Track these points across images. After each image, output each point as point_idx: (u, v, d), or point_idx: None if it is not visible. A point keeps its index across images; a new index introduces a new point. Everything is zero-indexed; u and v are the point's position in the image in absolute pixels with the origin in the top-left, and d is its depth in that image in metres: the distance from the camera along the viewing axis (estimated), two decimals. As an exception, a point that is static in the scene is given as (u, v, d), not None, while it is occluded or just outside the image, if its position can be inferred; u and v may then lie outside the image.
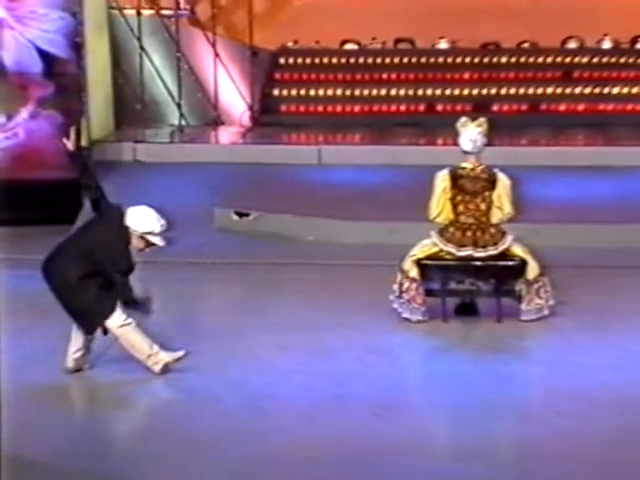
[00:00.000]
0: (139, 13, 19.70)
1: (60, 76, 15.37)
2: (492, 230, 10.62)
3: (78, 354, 9.37)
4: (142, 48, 19.52)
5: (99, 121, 17.94)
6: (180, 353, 9.34)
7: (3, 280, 11.33)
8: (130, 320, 9.21)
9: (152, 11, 20.29)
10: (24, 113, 15.32)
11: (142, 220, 9.36)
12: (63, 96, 15.44)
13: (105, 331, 9.25)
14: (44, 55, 15.31)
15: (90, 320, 9.21)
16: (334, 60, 22.86)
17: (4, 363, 8.55)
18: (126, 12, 19.66)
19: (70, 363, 9.39)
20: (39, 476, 7.59)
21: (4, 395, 7.18)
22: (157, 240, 9.39)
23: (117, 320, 9.17)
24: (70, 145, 9.75)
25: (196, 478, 7.42)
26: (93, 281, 9.14)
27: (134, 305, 9.26)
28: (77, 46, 15.72)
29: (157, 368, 9.22)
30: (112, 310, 9.13)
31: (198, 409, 8.60)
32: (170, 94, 19.79)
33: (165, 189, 15.91)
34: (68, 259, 9.19)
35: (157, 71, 19.75)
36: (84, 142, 16.02)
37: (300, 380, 9.20)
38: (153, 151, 17.76)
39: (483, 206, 10.63)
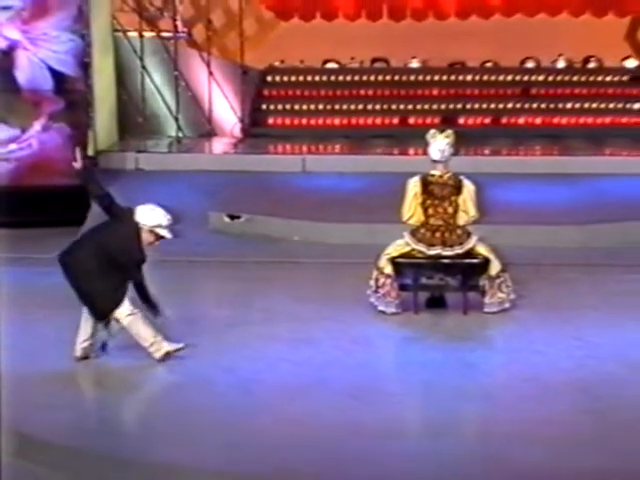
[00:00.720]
0: (141, 35, 19.67)
1: (69, 92, 15.35)
2: (458, 231, 10.63)
3: (85, 344, 9.34)
4: (144, 67, 19.49)
5: (104, 133, 17.90)
6: (181, 345, 9.33)
7: (19, 277, 11.33)
8: (137, 310, 9.20)
9: (153, 33, 20.26)
10: (37, 126, 15.29)
11: (150, 215, 9.37)
12: (72, 111, 15.43)
13: (108, 322, 9.23)
14: (55, 73, 15.29)
15: (102, 308, 9.19)
16: (317, 78, 22.85)
17: (15, 352, 8.54)
18: (129, 34, 19.63)
19: (78, 352, 9.36)
20: (49, 455, 7.57)
21: (6, 381, 7.15)
22: (165, 233, 9.38)
23: (125, 310, 9.16)
24: (78, 164, 9.73)
25: (195, 451, 7.39)
26: (108, 272, 9.13)
27: (147, 299, 9.28)
28: (85, 65, 15.70)
29: (158, 355, 9.21)
30: (122, 300, 9.13)
31: (195, 392, 8.59)
32: (169, 108, 19.75)
33: (164, 194, 15.83)
34: (85, 251, 9.20)
35: (157, 88, 19.71)
36: (91, 152, 16.03)
37: (286, 366, 9.19)
38: (153, 160, 17.72)
39: (450, 209, 10.63)
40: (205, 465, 7.24)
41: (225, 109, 20.88)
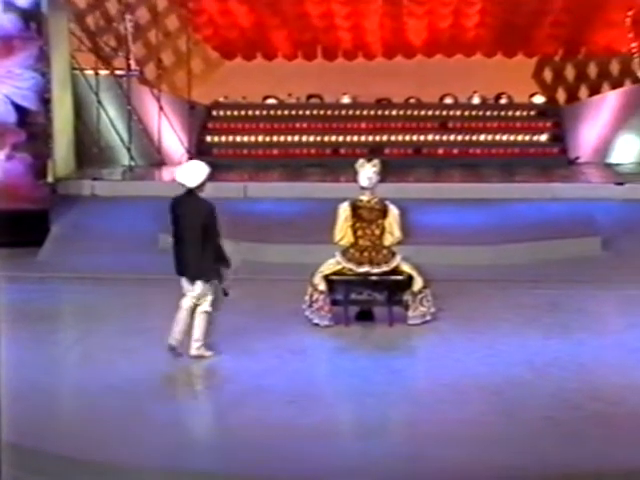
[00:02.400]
0: (97, 73, 19.58)
1: (31, 125, 15.23)
2: (384, 251, 10.67)
3: (179, 336, 9.39)
4: (99, 102, 19.38)
5: (63, 162, 17.77)
6: (211, 353, 9.49)
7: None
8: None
9: (108, 71, 20.17)
10: (1, 156, 15.14)
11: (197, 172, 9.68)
12: (33, 142, 15.30)
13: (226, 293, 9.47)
14: (18, 108, 15.17)
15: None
16: (257, 112, 22.88)
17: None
18: (86, 72, 19.53)
19: (173, 341, 9.37)
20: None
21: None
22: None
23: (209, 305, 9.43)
24: None
25: (143, 452, 7.32)
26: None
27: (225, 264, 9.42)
28: (45, 100, 15.58)
29: (196, 353, 9.36)
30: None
31: (139, 399, 8.50)
32: (122, 140, 19.66)
33: (118, 218, 15.80)
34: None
35: (111, 121, 19.61)
36: (50, 179, 15.90)
37: (228, 374, 9.16)
38: (108, 187, 17.61)
39: (377, 231, 10.67)
40: (152, 464, 7.18)
41: (174, 140, 20.83)
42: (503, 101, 23.69)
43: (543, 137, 21.97)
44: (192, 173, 9.74)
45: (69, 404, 8.66)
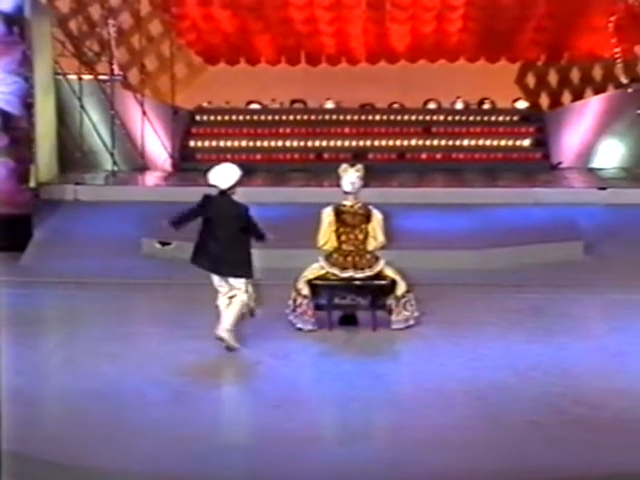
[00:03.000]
0: (80, 78, 19.55)
1: (14, 130, 15.13)
2: (368, 256, 10.66)
3: (227, 328, 9.72)
4: (82, 107, 19.35)
5: (45, 167, 17.73)
6: (238, 345, 9.80)
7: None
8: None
9: (91, 76, 20.13)
10: (-17, 160, 15.09)
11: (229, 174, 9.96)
12: (16, 146, 15.21)
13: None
14: (1, 112, 15.09)
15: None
16: (241, 117, 22.87)
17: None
18: (69, 77, 19.50)
19: (223, 332, 9.71)
20: None
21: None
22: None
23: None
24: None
25: (126, 457, 7.29)
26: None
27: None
28: (28, 105, 15.50)
29: (230, 343, 9.69)
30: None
31: (125, 402, 8.47)
32: (105, 145, 19.63)
33: (101, 223, 15.77)
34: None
35: (94, 126, 19.58)
36: (33, 184, 15.85)
37: (213, 379, 9.13)
38: (91, 192, 17.58)
39: (361, 236, 10.66)
40: (137, 469, 7.15)
41: (157, 145, 20.80)
42: (486, 106, 23.75)
43: (526, 142, 22.02)
44: (225, 175, 10.02)
45: (52, 409, 8.61)
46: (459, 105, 23.76)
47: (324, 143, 21.81)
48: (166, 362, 9.56)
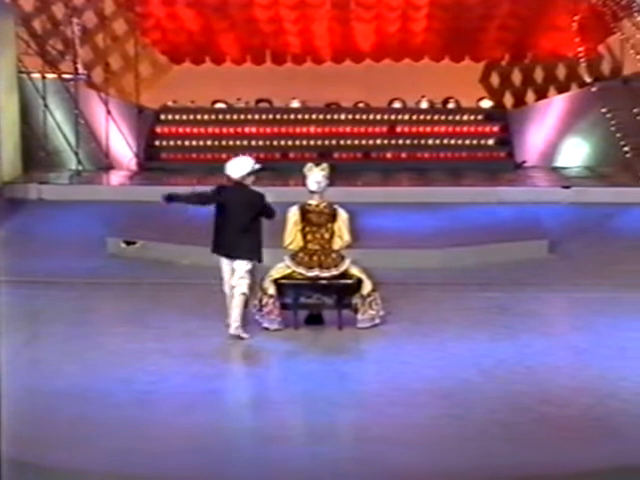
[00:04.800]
0: (44, 77, 19.45)
1: (-23, 129, 15.06)
2: (334, 255, 10.66)
3: (235, 325, 10.14)
4: (46, 106, 19.25)
5: (9, 166, 17.63)
6: (247, 335, 10.16)
7: None
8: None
9: (55, 75, 20.03)
10: (-54, 159, 14.98)
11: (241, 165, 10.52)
12: (-21, 145, 15.13)
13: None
14: (-37, 111, 14.99)
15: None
16: (206, 117, 22.86)
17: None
18: (33, 76, 19.40)
19: (233, 330, 10.13)
20: None
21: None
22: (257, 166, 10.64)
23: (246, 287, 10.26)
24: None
25: (91, 457, 7.24)
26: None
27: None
28: (-9, 104, 15.42)
29: (235, 332, 10.12)
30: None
31: (90, 402, 8.41)
32: (69, 144, 19.53)
33: (65, 222, 15.69)
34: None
35: (58, 125, 19.48)
36: (-4, 183, 15.77)
37: (179, 379, 9.08)
38: (55, 191, 17.50)
39: (327, 235, 10.66)
40: (101, 469, 7.10)
41: (122, 145, 20.73)
42: (451, 105, 23.86)
43: (490, 141, 22.14)
44: (238, 166, 10.64)
45: (16, 408, 8.53)
46: (424, 104, 23.85)
47: (290, 142, 21.84)
48: (131, 362, 9.51)
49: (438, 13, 24.21)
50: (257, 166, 10.69)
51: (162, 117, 22.72)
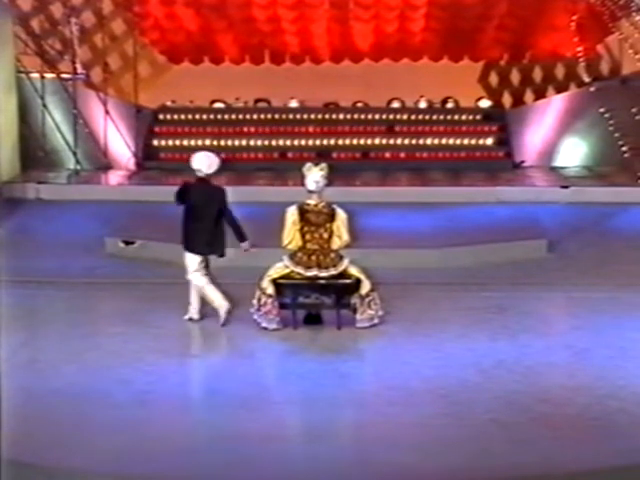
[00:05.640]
0: (42, 76, 19.44)
1: (-25, 128, 15.06)
2: (332, 254, 10.65)
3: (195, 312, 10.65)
4: (44, 105, 19.24)
5: (7, 165, 17.62)
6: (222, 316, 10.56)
7: None
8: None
9: (53, 75, 20.02)
10: (-56, 159, 14.97)
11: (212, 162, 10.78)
12: (-22, 145, 15.14)
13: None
14: (-38, 111, 14.99)
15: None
16: (204, 116, 22.85)
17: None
18: (31, 75, 19.39)
19: (195, 315, 10.66)
20: None
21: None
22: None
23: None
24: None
25: (91, 457, 7.23)
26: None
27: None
28: (-11, 104, 15.42)
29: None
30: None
31: (89, 402, 8.41)
32: (68, 144, 19.52)
33: (64, 222, 15.68)
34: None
35: (57, 125, 19.47)
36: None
37: (178, 379, 9.09)
38: (53, 191, 17.49)
39: (325, 235, 10.65)
40: (100, 469, 7.10)
41: (120, 144, 20.72)
42: (449, 105, 23.86)
43: (489, 141, 22.13)
44: (210, 162, 10.89)
45: (15, 408, 8.52)
46: (422, 104, 23.85)
47: (288, 142, 21.82)
48: (130, 361, 9.50)
49: (437, 13, 24.21)
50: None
51: (161, 117, 22.71)
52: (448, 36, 24.50)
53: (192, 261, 10.79)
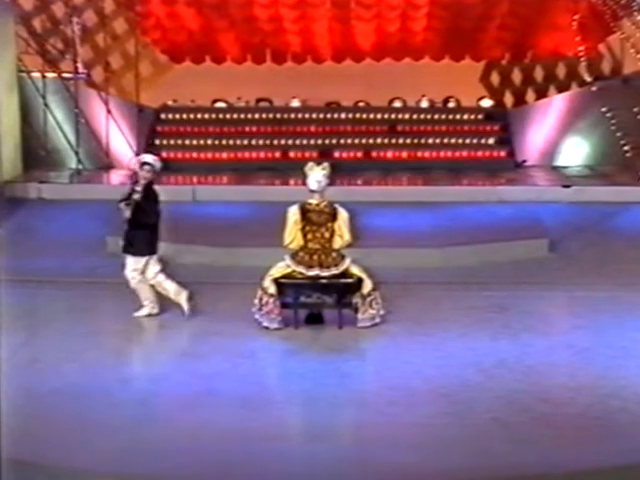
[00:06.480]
0: (44, 76, 19.43)
1: (-24, 128, 15.06)
2: (334, 254, 10.64)
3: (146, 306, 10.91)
4: (46, 105, 19.23)
5: (9, 165, 17.61)
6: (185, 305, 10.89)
7: None
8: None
9: (55, 74, 20.02)
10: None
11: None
12: (-21, 145, 15.14)
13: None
14: (-37, 110, 14.99)
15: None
16: (206, 116, 22.84)
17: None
18: (33, 75, 19.39)
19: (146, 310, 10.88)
20: None
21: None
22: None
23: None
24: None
25: (92, 456, 7.23)
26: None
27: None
28: (-9, 103, 15.42)
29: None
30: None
31: (90, 401, 8.40)
32: (69, 143, 19.51)
33: (65, 221, 15.67)
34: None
35: (58, 124, 19.46)
36: (-3, 182, 15.77)
37: (179, 378, 9.08)
38: (55, 190, 17.48)
39: (327, 234, 10.65)
40: (101, 468, 7.09)
41: (122, 144, 20.71)
42: (451, 104, 23.85)
43: (491, 140, 22.10)
44: (157, 163, 11.35)
45: (15, 408, 8.51)
46: (424, 103, 23.83)
47: (290, 141, 21.80)
48: (130, 361, 9.50)
49: (438, 12, 24.19)
50: None
51: (162, 116, 22.71)
52: (450, 36, 24.49)
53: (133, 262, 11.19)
